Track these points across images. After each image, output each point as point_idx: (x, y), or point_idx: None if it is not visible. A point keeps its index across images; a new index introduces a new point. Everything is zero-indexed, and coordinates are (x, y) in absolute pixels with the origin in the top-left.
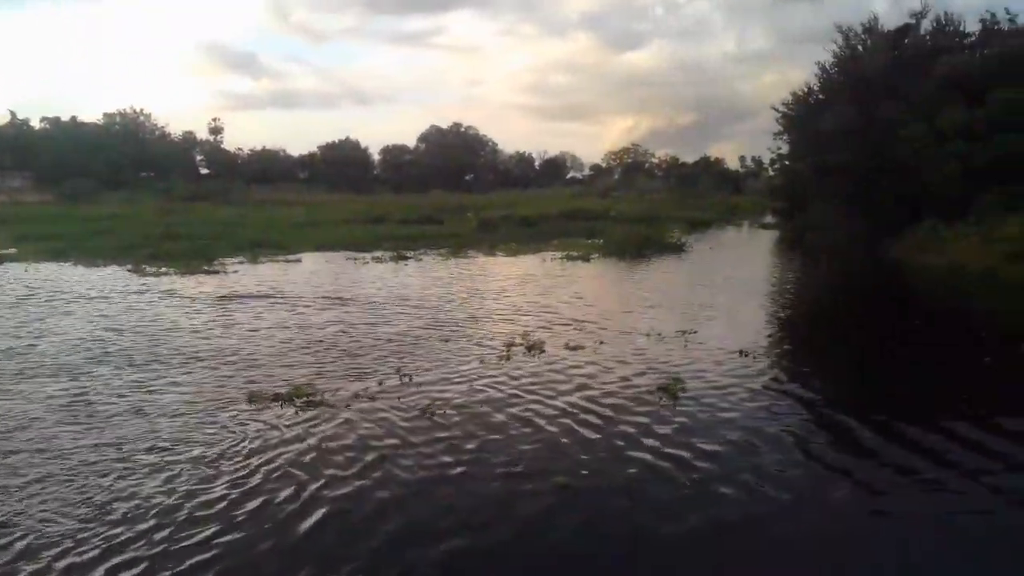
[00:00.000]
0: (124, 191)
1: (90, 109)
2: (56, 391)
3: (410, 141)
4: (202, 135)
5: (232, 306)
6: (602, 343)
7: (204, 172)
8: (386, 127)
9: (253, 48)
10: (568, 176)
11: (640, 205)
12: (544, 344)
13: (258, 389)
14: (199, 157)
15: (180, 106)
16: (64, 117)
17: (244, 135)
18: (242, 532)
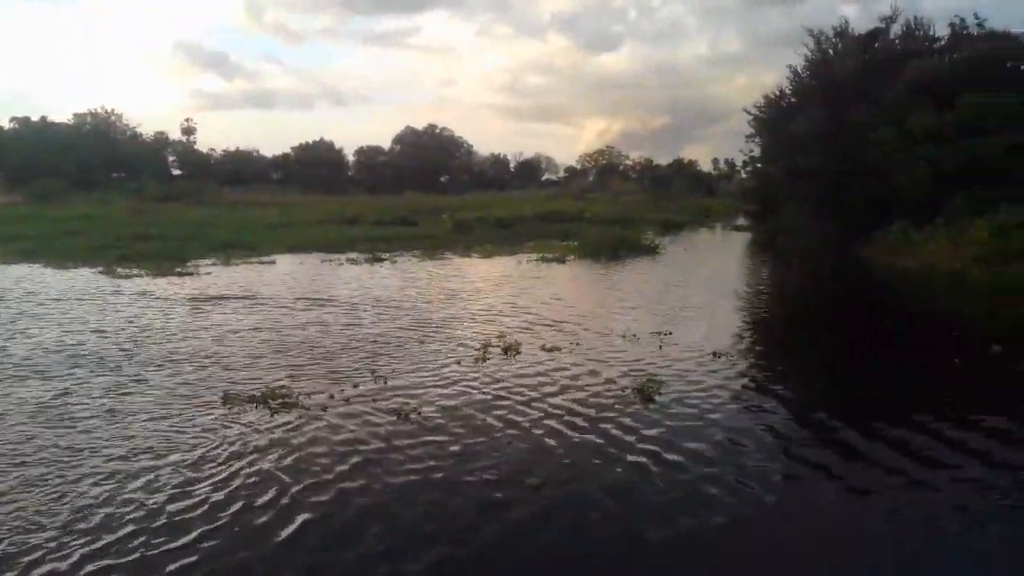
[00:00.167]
0: (95, 192)
1: (60, 109)
2: (29, 394)
3: (385, 142)
4: (174, 135)
5: (206, 308)
6: (578, 344)
7: (176, 173)
8: (361, 128)
9: (226, 48)
10: (543, 178)
11: (614, 207)
12: (521, 346)
13: (234, 391)
14: (171, 158)
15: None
16: (34, 117)
17: (217, 136)
18: (221, 538)
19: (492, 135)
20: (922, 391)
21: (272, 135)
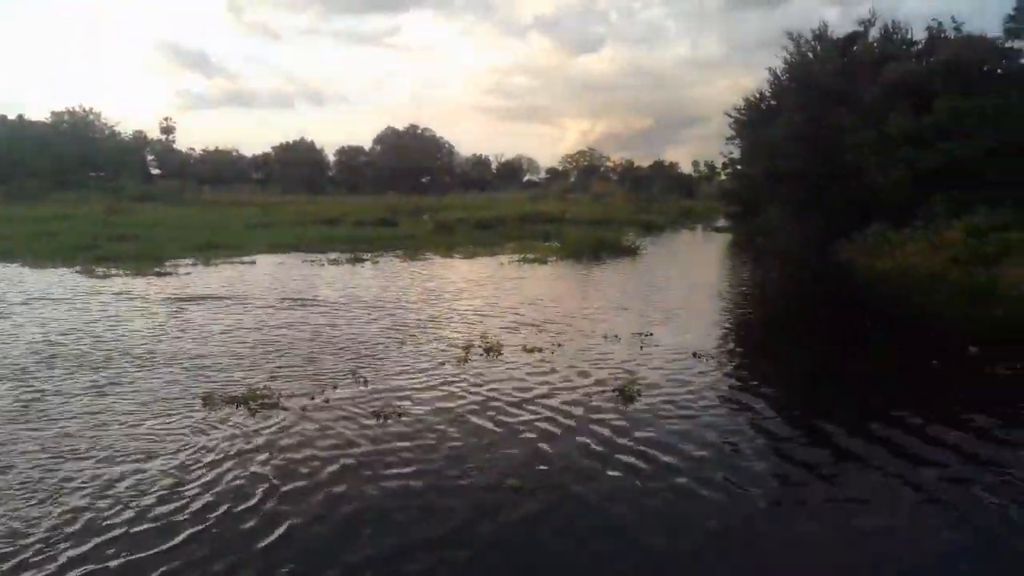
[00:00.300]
0: (72, 191)
1: (38, 107)
2: (4, 394)
3: (366, 142)
4: (153, 135)
5: (186, 308)
6: (560, 345)
7: (155, 172)
8: (342, 128)
9: (206, 47)
10: (525, 179)
11: (596, 208)
12: (503, 347)
13: (213, 392)
14: (150, 157)
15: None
16: (11, 115)
17: (197, 135)
18: (200, 544)
19: (474, 136)
20: (901, 392)
21: (252, 135)
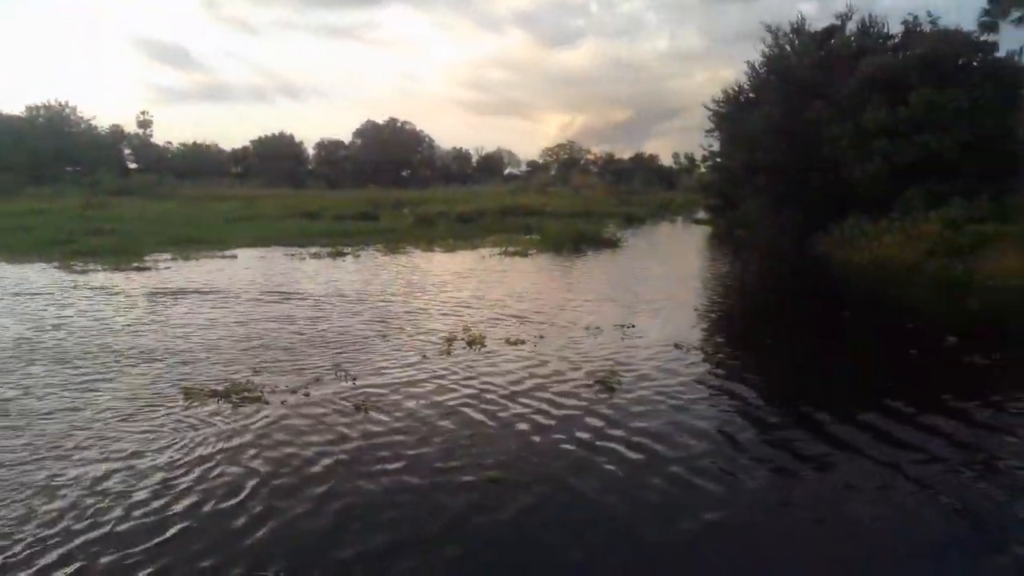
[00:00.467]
0: (48, 186)
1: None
2: None
3: (345, 136)
4: (130, 129)
5: (165, 302)
6: (542, 337)
7: (132, 166)
8: (321, 121)
9: (183, 41)
10: (506, 172)
11: (576, 201)
12: (485, 338)
13: (195, 386)
14: (127, 151)
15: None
16: None
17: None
18: (183, 541)
19: (454, 129)
20: (884, 382)
21: (231, 129)
